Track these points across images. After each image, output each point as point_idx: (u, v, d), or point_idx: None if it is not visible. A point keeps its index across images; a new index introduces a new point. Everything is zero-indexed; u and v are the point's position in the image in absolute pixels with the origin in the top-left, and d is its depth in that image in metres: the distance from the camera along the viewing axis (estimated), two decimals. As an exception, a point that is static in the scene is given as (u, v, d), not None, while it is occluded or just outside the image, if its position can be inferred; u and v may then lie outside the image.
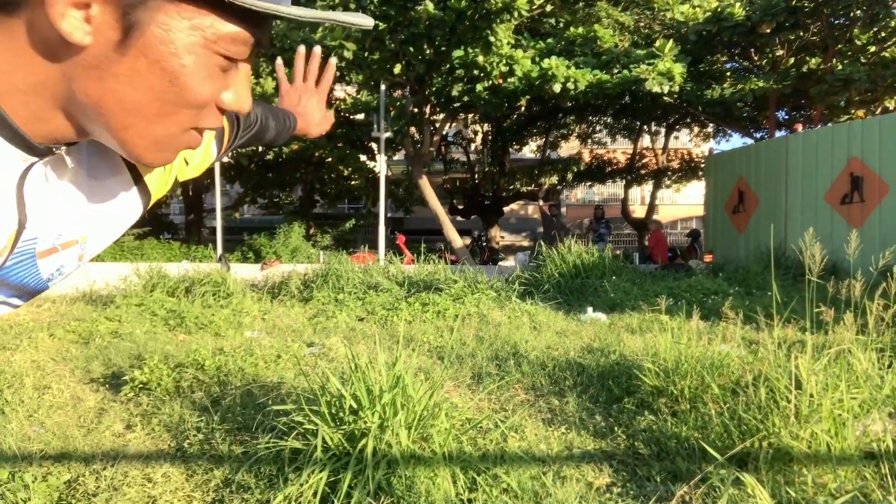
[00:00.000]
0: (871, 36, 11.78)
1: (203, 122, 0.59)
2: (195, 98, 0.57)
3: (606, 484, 2.32)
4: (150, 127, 0.57)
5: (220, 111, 0.60)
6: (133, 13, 0.52)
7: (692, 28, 11.14)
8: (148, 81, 0.55)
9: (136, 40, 0.53)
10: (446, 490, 2.07)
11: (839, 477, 2.14)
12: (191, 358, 3.62)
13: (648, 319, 5.15)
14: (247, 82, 0.61)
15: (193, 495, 2.24)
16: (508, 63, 10.12)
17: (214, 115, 0.60)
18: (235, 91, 0.60)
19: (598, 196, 29.54)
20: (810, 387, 2.31)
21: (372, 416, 2.23)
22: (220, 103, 0.59)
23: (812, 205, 9.14)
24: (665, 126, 17.45)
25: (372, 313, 5.91)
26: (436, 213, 11.74)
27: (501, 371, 3.75)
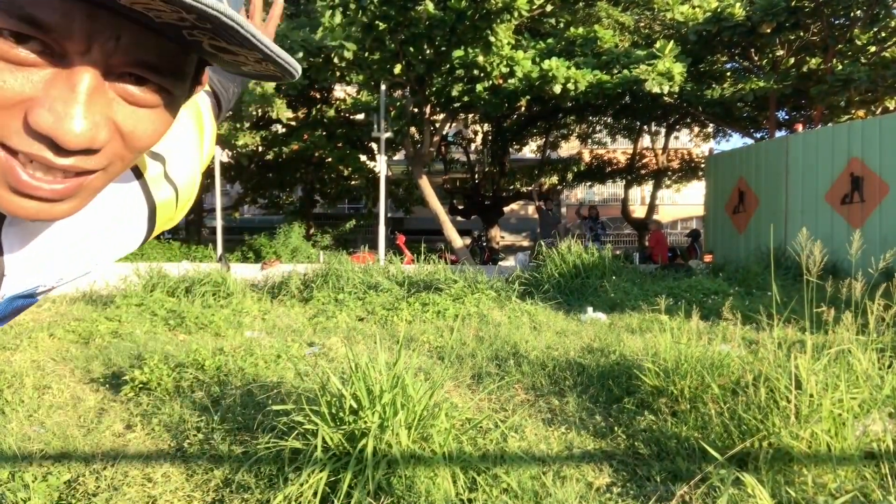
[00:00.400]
0: (871, 36, 11.78)
1: (9, 139, 0.42)
2: None
3: (606, 484, 2.32)
4: None
5: (34, 133, 0.42)
6: None
7: (692, 28, 11.14)
8: None
9: None
10: (446, 490, 2.07)
11: (839, 477, 2.14)
12: (191, 358, 3.62)
13: (648, 319, 5.15)
14: (87, 106, 0.42)
15: (193, 495, 2.24)
16: (509, 64, 10.12)
17: (24, 136, 0.42)
18: (51, 107, 0.41)
19: (599, 196, 29.54)
20: (810, 387, 2.31)
21: (372, 416, 2.23)
22: (31, 122, 0.41)
23: (812, 205, 9.14)
24: (665, 126, 17.45)
25: (372, 313, 5.91)
26: (436, 213, 11.74)
27: (501, 371, 3.75)
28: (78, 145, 0.42)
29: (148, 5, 0.38)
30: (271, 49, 0.43)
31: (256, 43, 0.41)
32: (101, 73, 0.43)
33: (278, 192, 18.63)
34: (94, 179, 0.47)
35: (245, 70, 0.48)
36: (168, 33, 0.43)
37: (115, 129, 0.45)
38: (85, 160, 0.44)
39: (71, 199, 0.46)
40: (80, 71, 0.42)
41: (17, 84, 0.41)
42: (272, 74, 0.48)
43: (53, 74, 0.42)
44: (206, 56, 0.47)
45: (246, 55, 0.44)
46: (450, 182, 20.46)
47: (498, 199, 18.96)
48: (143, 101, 0.46)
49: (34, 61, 0.41)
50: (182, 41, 0.43)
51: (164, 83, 0.46)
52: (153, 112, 0.47)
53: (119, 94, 0.45)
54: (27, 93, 0.41)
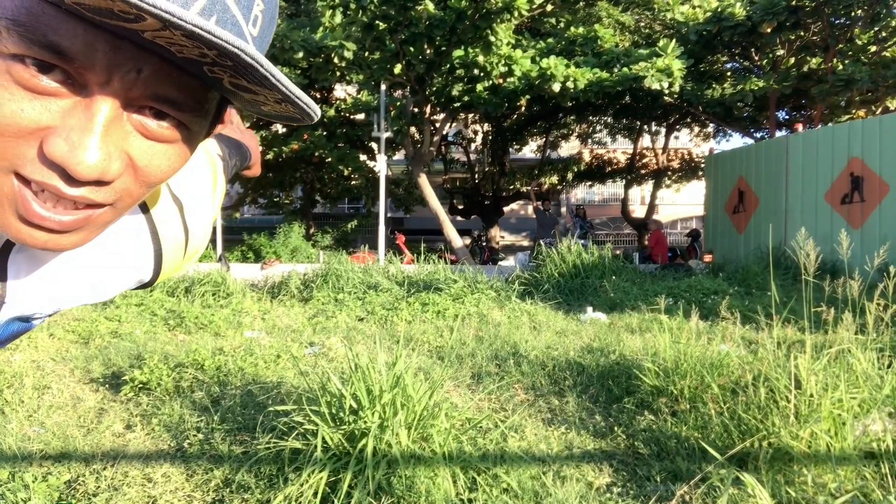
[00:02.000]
0: (871, 36, 11.78)
1: (23, 168, 0.42)
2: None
3: (606, 484, 2.32)
4: None
5: (49, 163, 0.42)
6: None
7: (692, 28, 11.14)
8: None
9: None
10: (446, 490, 2.07)
11: (839, 477, 2.14)
12: (191, 358, 3.62)
13: (648, 319, 5.15)
14: (103, 137, 0.42)
15: (193, 495, 2.24)
16: (508, 63, 10.12)
17: (37, 164, 0.42)
18: (67, 136, 0.41)
19: (599, 196, 29.54)
20: (810, 387, 2.31)
21: (372, 416, 2.23)
22: (46, 150, 0.41)
23: (812, 205, 9.14)
24: (665, 126, 17.45)
25: (372, 313, 5.91)
26: (436, 212, 11.74)
27: (501, 371, 3.75)
28: (89, 176, 0.42)
29: (170, 40, 0.38)
30: (290, 90, 0.42)
31: (276, 83, 0.41)
32: (120, 105, 0.43)
33: (278, 192, 18.63)
34: (103, 214, 0.47)
35: (265, 110, 0.48)
36: (189, 69, 0.43)
37: (128, 162, 0.45)
38: (95, 192, 0.44)
39: (79, 232, 0.46)
40: (98, 102, 0.42)
41: (34, 113, 0.41)
42: (291, 115, 0.48)
43: (72, 104, 0.42)
44: (227, 94, 0.46)
45: (266, 95, 0.44)
46: (450, 182, 20.46)
47: (498, 198, 18.97)
48: (160, 136, 0.45)
49: (54, 91, 0.41)
50: (203, 77, 0.43)
51: (183, 118, 0.46)
52: (170, 147, 0.47)
53: (136, 128, 0.45)
54: (44, 122, 0.41)
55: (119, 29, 0.39)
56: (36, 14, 0.39)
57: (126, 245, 0.65)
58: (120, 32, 0.39)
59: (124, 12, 0.36)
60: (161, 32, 0.38)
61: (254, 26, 0.47)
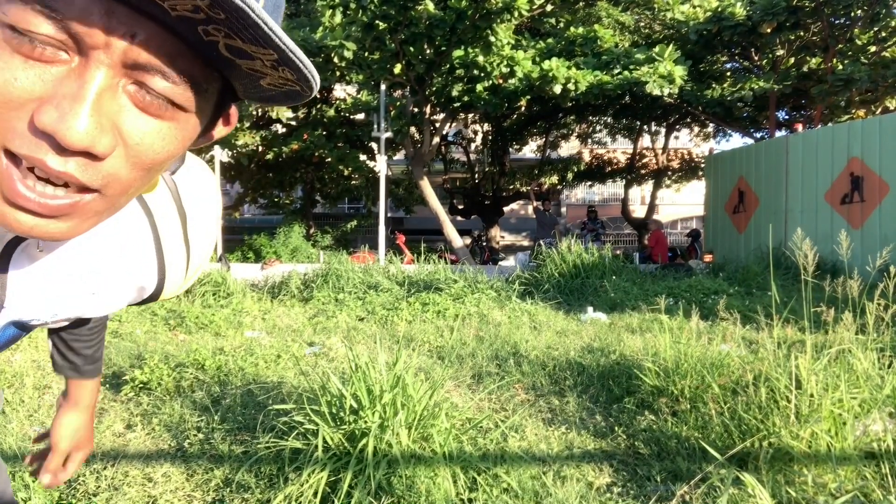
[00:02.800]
0: (871, 36, 11.78)
1: (12, 142, 0.41)
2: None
3: (607, 483, 2.32)
4: None
5: (38, 133, 0.41)
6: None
7: (692, 28, 11.14)
8: None
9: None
10: (446, 490, 2.07)
11: (839, 477, 2.14)
12: (191, 358, 3.62)
13: (648, 319, 5.15)
14: (95, 106, 0.41)
15: (194, 495, 2.25)
16: (509, 64, 10.12)
17: (22, 136, 0.41)
18: (58, 103, 0.40)
19: (599, 196, 29.54)
20: (810, 387, 2.31)
21: (372, 416, 2.23)
22: (36, 119, 0.40)
23: (812, 205, 9.14)
24: (665, 126, 17.45)
25: (372, 313, 5.91)
26: (436, 212, 11.74)
27: (501, 371, 3.75)
28: (79, 143, 0.40)
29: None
30: (285, 42, 0.40)
31: (268, 32, 0.39)
32: (114, 74, 0.42)
33: (278, 192, 18.64)
34: (91, 202, 0.45)
35: (263, 85, 0.46)
36: (185, 34, 0.41)
37: (120, 139, 0.43)
38: (83, 170, 0.42)
39: (67, 219, 0.44)
40: (92, 69, 0.41)
41: (28, 82, 0.40)
42: (291, 88, 0.45)
43: (66, 72, 0.41)
44: (224, 67, 0.44)
45: (263, 58, 0.42)
46: (450, 182, 20.46)
47: (498, 198, 18.97)
48: (154, 109, 0.44)
49: (49, 57, 0.40)
50: (199, 44, 0.42)
51: (178, 95, 0.44)
52: (164, 126, 0.45)
53: (131, 99, 0.43)
54: (37, 92, 0.40)
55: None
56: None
57: (128, 253, 0.64)
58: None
59: None
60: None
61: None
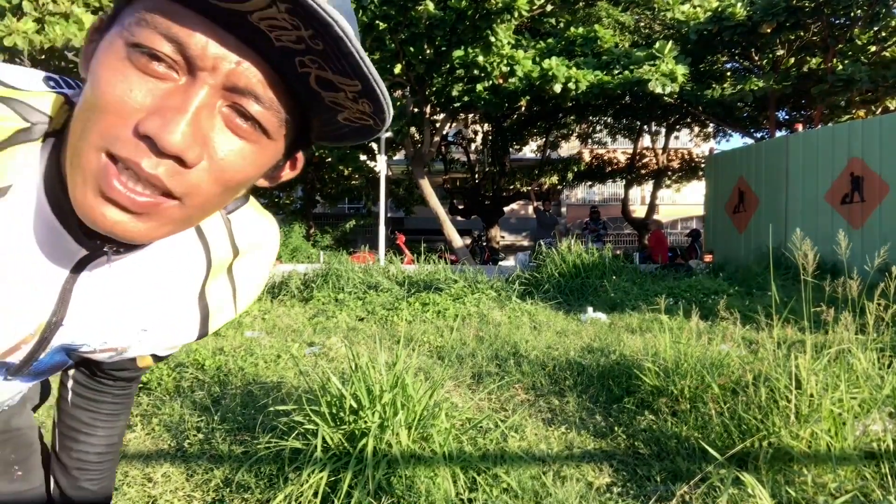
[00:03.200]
0: (871, 36, 11.78)
1: (115, 145, 0.47)
2: (99, 97, 0.47)
3: (606, 483, 2.32)
4: (74, 149, 0.49)
5: (142, 139, 0.47)
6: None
7: (693, 28, 11.13)
8: (84, 98, 0.49)
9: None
10: (446, 490, 2.07)
11: (839, 477, 2.14)
12: (191, 358, 3.62)
13: (648, 319, 5.15)
14: (193, 118, 0.47)
15: (193, 495, 2.24)
16: (509, 63, 10.12)
17: (125, 140, 0.46)
18: (163, 113, 0.46)
19: (599, 196, 29.53)
20: (810, 387, 2.31)
21: (372, 416, 2.23)
22: (141, 126, 0.46)
23: (812, 205, 9.14)
24: (665, 126, 17.45)
25: (372, 313, 5.91)
26: (436, 213, 11.74)
27: (501, 371, 3.75)
28: (174, 147, 0.46)
29: (273, 22, 0.44)
30: (372, 72, 0.46)
31: (359, 60, 0.45)
32: (214, 94, 0.48)
33: (278, 193, 18.64)
34: (171, 208, 0.50)
35: (339, 120, 0.52)
36: (282, 67, 0.48)
37: (207, 153, 0.49)
38: (171, 176, 0.48)
39: (146, 219, 0.49)
40: (197, 87, 0.47)
41: (140, 95, 0.46)
42: (363, 124, 0.51)
43: (173, 89, 0.47)
44: (310, 98, 0.50)
45: (347, 90, 0.48)
46: (450, 182, 20.45)
47: (498, 199, 18.96)
48: (241, 131, 0.50)
49: (163, 75, 0.47)
50: (293, 75, 0.48)
51: (265, 120, 0.50)
52: (247, 146, 0.50)
53: (223, 119, 0.49)
54: (147, 104, 0.46)
55: (229, 18, 0.45)
56: (163, 9, 0.46)
57: (182, 293, 0.70)
58: (229, 23, 0.46)
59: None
60: (266, 11, 0.43)
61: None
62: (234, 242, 0.71)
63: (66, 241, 0.56)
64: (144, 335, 0.70)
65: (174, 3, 0.46)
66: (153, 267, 0.65)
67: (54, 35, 7.23)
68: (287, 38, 0.45)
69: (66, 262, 0.58)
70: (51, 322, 0.61)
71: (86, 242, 0.57)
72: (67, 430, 0.90)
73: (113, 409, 0.90)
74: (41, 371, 0.69)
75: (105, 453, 0.91)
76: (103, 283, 0.62)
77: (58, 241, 0.56)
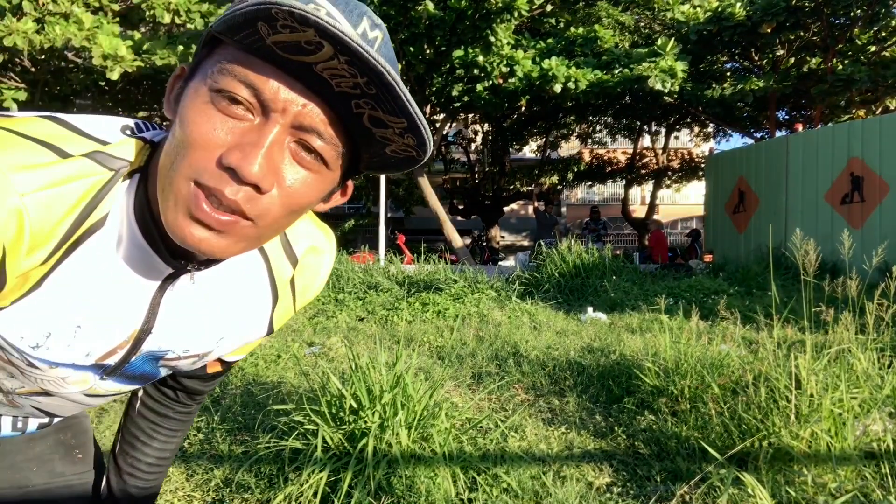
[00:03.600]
0: (871, 36, 11.78)
1: (202, 175, 0.55)
2: (188, 134, 0.56)
3: (606, 483, 2.32)
4: (166, 178, 0.58)
5: (225, 170, 0.55)
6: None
7: (692, 28, 11.13)
8: (173, 136, 0.58)
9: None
10: (446, 490, 2.07)
11: (839, 477, 2.14)
12: (191, 358, 3.61)
13: (648, 319, 5.15)
14: (267, 152, 0.55)
15: (193, 495, 2.24)
16: (509, 63, 10.12)
17: (210, 171, 0.55)
18: (242, 148, 0.54)
19: (599, 196, 29.53)
20: (810, 387, 2.31)
21: (372, 416, 2.23)
22: (224, 158, 0.55)
23: (812, 205, 9.14)
24: (665, 126, 17.44)
25: (372, 313, 5.91)
26: (436, 213, 11.74)
27: (501, 371, 3.75)
28: (253, 177, 0.54)
29: (334, 71, 0.52)
30: (416, 111, 0.54)
31: (405, 103, 0.53)
32: (284, 131, 0.56)
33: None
34: (247, 227, 0.58)
35: (387, 153, 0.60)
36: (340, 108, 0.56)
37: (279, 180, 0.57)
38: (248, 200, 0.56)
39: (226, 237, 0.58)
40: (270, 125, 0.55)
41: (222, 133, 0.55)
42: (408, 155, 0.60)
43: (249, 127, 0.55)
44: (362, 136, 0.58)
45: (395, 127, 0.56)
46: (450, 182, 20.46)
47: (498, 199, 18.96)
48: (306, 163, 0.58)
49: (240, 115, 0.55)
50: (348, 115, 0.56)
51: (326, 153, 0.58)
52: (310, 176, 0.59)
53: (291, 153, 0.57)
54: (228, 141, 0.55)
55: (298, 68, 0.53)
56: (241, 60, 0.54)
57: (247, 312, 0.80)
58: (297, 74, 0.54)
59: (309, 42, 0.50)
60: (329, 63, 0.51)
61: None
62: (290, 252, 0.81)
63: (155, 261, 0.66)
64: (221, 342, 0.80)
65: (251, 55, 0.54)
66: (226, 281, 0.76)
67: (54, 35, 7.23)
68: (345, 84, 0.53)
69: (155, 278, 0.69)
70: (142, 330, 0.72)
71: (171, 262, 0.67)
72: (128, 436, 1.03)
73: (172, 425, 1.02)
74: (132, 376, 0.79)
75: (155, 465, 1.03)
76: (186, 296, 0.72)
77: (148, 261, 0.66)
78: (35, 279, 0.63)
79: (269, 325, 0.84)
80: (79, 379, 0.75)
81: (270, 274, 0.80)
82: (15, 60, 8.52)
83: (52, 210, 0.59)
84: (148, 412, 1.00)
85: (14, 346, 0.67)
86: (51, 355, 0.69)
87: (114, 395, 0.84)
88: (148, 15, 8.33)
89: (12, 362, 0.71)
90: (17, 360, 0.70)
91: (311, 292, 0.88)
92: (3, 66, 8.45)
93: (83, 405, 0.88)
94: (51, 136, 0.62)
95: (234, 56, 0.54)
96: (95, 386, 0.78)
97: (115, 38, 7.65)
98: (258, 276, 0.79)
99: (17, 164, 0.57)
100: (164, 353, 0.77)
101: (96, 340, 0.70)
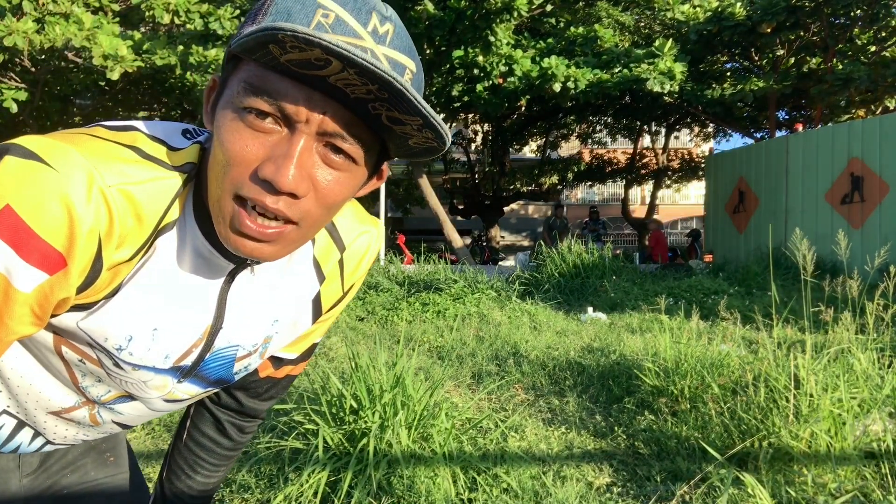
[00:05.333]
0: (871, 35, 11.77)
1: (242, 189, 0.60)
2: (224, 152, 0.61)
3: (606, 483, 2.32)
4: (214, 195, 0.63)
5: (260, 182, 0.60)
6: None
7: (692, 28, 11.13)
8: (214, 156, 0.63)
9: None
10: (446, 490, 2.07)
11: (839, 477, 2.14)
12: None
13: (648, 319, 5.15)
14: (298, 161, 0.59)
15: (194, 495, 2.24)
16: (508, 63, 10.11)
17: (249, 184, 0.60)
18: (275, 160, 0.59)
19: (599, 196, 29.53)
20: (810, 387, 2.31)
21: (372, 416, 2.23)
22: (259, 171, 0.59)
23: (812, 205, 9.14)
24: (665, 126, 17.43)
25: (372, 313, 5.91)
26: (436, 212, 11.74)
27: (501, 371, 3.75)
28: (288, 187, 0.58)
29: (347, 81, 0.55)
30: (429, 112, 0.58)
31: (417, 105, 0.56)
32: (310, 139, 0.60)
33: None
34: (292, 231, 0.64)
35: (411, 144, 0.64)
36: (358, 111, 0.60)
37: (313, 184, 0.62)
38: (289, 207, 0.61)
39: (274, 244, 0.64)
40: (297, 136, 0.59)
41: (254, 148, 0.59)
42: (430, 145, 0.63)
43: (279, 139, 0.60)
44: (384, 132, 0.62)
45: (412, 124, 0.60)
46: (450, 182, 20.45)
47: (498, 198, 18.94)
48: (336, 164, 0.62)
49: (269, 129, 0.59)
50: (368, 116, 0.60)
51: (352, 151, 0.62)
52: (342, 175, 0.63)
53: (321, 157, 0.62)
54: (261, 154, 0.59)
55: (313, 79, 0.57)
56: (262, 77, 0.58)
57: (298, 299, 0.85)
58: (314, 84, 0.57)
59: (318, 59, 0.53)
60: (340, 74, 0.55)
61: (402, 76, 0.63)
62: (338, 237, 0.86)
63: (218, 259, 0.71)
64: (276, 325, 0.83)
65: (269, 72, 0.58)
66: (279, 267, 0.80)
67: (54, 35, 7.22)
68: (359, 91, 0.56)
69: (219, 275, 0.74)
70: (214, 326, 0.76)
71: (232, 258, 0.72)
72: (174, 465, 1.05)
73: (216, 459, 1.04)
74: (207, 377, 0.82)
75: (198, 497, 1.05)
76: (248, 288, 0.77)
77: (212, 260, 0.71)
78: (122, 277, 0.67)
79: (317, 305, 0.87)
80: (159, 384, 0.79)
81: (315, 258, 0.84)
82: (15, 60, 8.52)
83: (137, 206, 0.64)
84: (193, 445, 1.03)
85: (101, 345, 0.71)
86: (134, 358, 0.73)
87: (190, 399, 0.87)
88: (147, 15, 8.33)
89: (101, 362, 0.74)
90: (105, 360, 0.74)
91: (361, 271, 0.92)
92: (3, 66, 8.45)
93: (161, 412, 0.91)
94: (133, 139, 0.67)
95: (255, 74, 0.59)
96: (174, 390, 0.82)
97: (116, 38, 7.64)
98: (305, 258, 0.83)
99: (104, 160, 0.62)
100: (236, 350, 0.81)
101: (173, 341, 0.74)
